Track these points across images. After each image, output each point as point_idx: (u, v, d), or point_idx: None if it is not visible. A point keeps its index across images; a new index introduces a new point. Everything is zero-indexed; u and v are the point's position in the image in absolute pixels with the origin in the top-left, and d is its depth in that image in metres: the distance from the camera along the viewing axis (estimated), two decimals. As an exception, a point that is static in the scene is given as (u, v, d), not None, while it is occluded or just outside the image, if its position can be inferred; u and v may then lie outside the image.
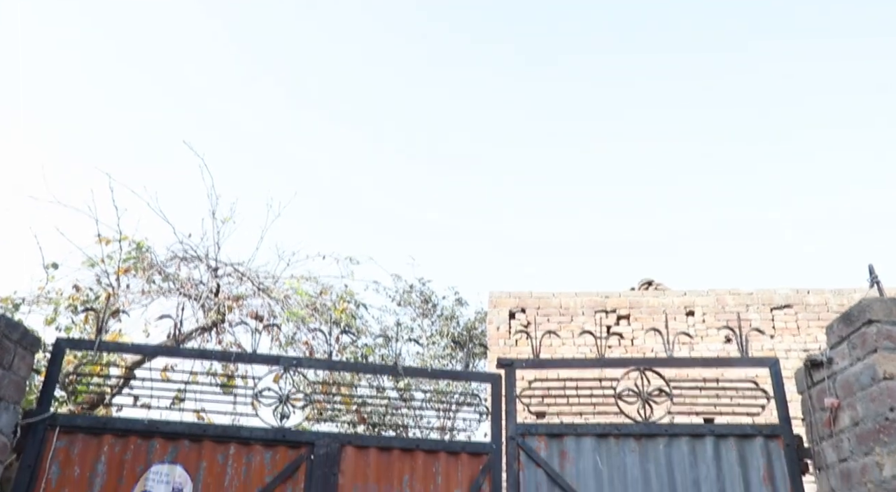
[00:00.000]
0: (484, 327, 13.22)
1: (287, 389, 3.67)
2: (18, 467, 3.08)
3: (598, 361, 3.93)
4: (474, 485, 3.53)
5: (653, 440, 3.57)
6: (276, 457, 3.44)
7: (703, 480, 3.45)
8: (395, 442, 3.59)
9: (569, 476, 3.57)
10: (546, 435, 3.67)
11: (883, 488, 2.66)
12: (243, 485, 3.36)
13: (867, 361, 2.78)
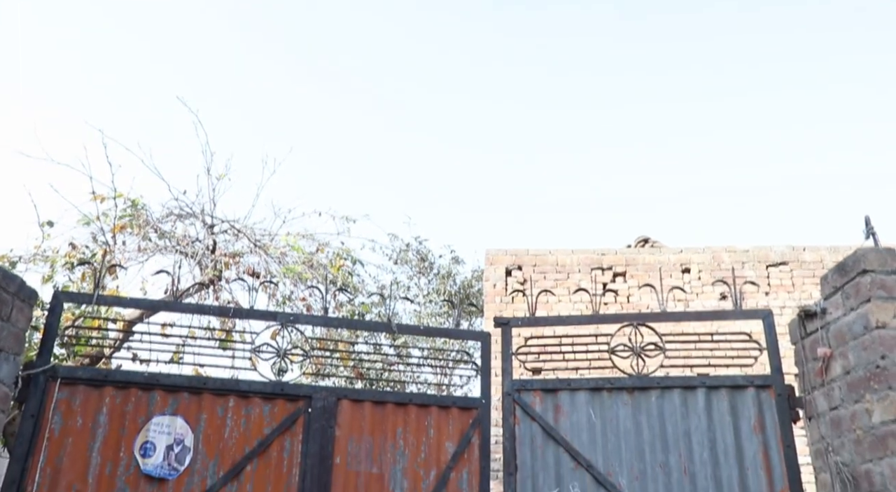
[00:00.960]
0: (480, 286, 13.29)
1: (284, 344, 3.72)
2: (22, 416, 3.12)
3: (593, 317, 3.99)
4: (464, 438, 3.67)
5: (645, 393, 3.66)
6: (275, 410, 3.52)
7: (694, 430, 3.55)
8: (389, 396, 3.69)
9: (563, 429, 3.68)
10: (541, 390, 3.77)
11: (871, 433, 2.71)
12: (243, 436, 3.44)
13: (860, 310, 2.80)
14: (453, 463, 3.63)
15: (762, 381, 3.55)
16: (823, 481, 3.03)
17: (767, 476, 3.40)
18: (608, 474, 3.58)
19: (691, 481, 3.47)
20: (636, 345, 3.80)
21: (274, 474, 3.41)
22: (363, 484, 3.47)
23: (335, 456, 3.50)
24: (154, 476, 3.30)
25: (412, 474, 3.56)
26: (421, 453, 3.63)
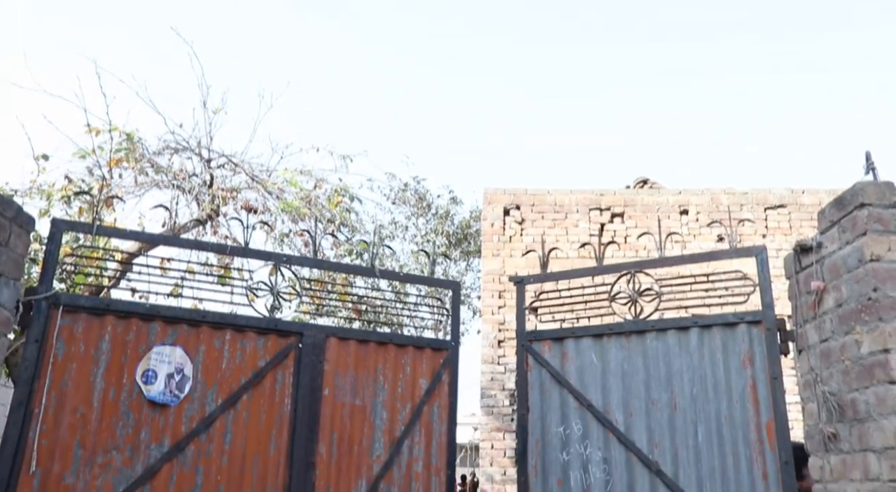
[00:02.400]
0: (479, 226, 13.30)
1: (278, 283, 3.88)
2: (25, 341, 3.17)
3: (597, 268, 4.15)
4: (436, 375, 4.06)
5: (641, 336, 3.84)
6: (268, 344, 3.70)
7: (686, 368, 3.68)
8: (371, 336, 4.00)
9: (568, 373, 3.96)
10: (550, 339, 4.08)
11: (859, 363, 2.77)
12: (238, 368, 3.60)
13: (856, 244, 2.81)
14: (426, 398, 4.00)
15: (752, 317, 3.62)
16: (810, 411, 3.11)
17: (755, 408, 3.50)
18: (606, 412, 3.81)
19: (681, 416, 3.63)
20: (634, 292, 3.98)
21: (268, 404, 3.61)
22: (348, 414, 3.78)
23: (324, 388, 3.75)
24: (158, 402, 3.40)
25: (390, 406, 3.91)
26: (398, 387, 3.97)
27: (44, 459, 3.07)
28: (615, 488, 3.67)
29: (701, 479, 3.51)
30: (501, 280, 8.96)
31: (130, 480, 3.23)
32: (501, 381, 8.56)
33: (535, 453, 3.93)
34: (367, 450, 3.78)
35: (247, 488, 3.45)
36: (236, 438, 3.49)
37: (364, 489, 3.70)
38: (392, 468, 3.80)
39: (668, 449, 3.63)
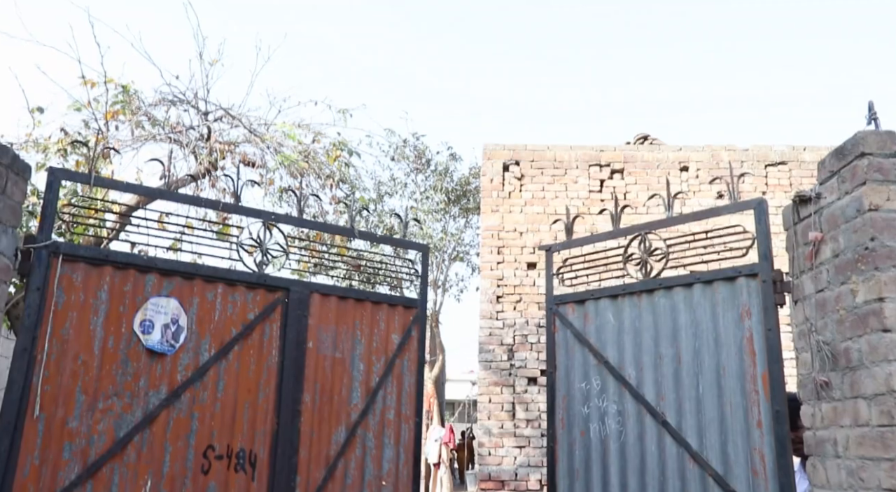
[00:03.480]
0: (478, 183, 13.26)
1: (267, 240, 4.04)
2: (27, 289, 3.19)
3: (614, 232, 4.36)
4: (406, 331, 4.36)
5: (652, 295, 4.00)
6: (257, 298, 3.86)
7: (690, 324, 3.81)
8: (350, 293, 4.25)
9: (588, 333, 4.22)
10: (573, 302, 4.35)
11: (854, 313, 2.79)
12: (230, 320, 3.74)
13: (855, 194, 2.81)
14: (398, 351, 4.29)
15: (750, 270, 3.66)
16: (804, 361, 3.14)
17: (751, 359, 3.55)
18: (620, 367, 4.03)
19: (685, 369, 3.77)
20: (644, 252, 4.18)
21: (257, 355, 3.78)
22: (329, 366, 4.02)
23: (308, 341, 3.96)
24: (156, 351, 3.49)
25: (367, 358, 4.17)
26: (374, 342, 4.23)
27: (47, 404, 3.13)
28: (628, 438, 3.88)
29: (701, 428, 3.64)
30: (500, 236, 8.97)
31: (130, 425, 3.33)
32: (500, 336, 8.64)
33: (561, 408, 4.24)
34: (346, 399, 4.04)
35: (238, 433, 3.62)
36: (228, 386, 3.65)
37: (343, 435, 3.97)
38: (368, 416, 4.09)
39: (673, 401, 3.78)
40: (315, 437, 3.86)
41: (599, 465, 4.01)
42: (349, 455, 3.97)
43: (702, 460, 3.58)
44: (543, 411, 8.38)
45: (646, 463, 3.80)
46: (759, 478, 3.37)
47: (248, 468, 3.61)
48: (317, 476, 3.82)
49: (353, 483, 3.95)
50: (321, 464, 3.85)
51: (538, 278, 8.81)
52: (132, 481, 3.28)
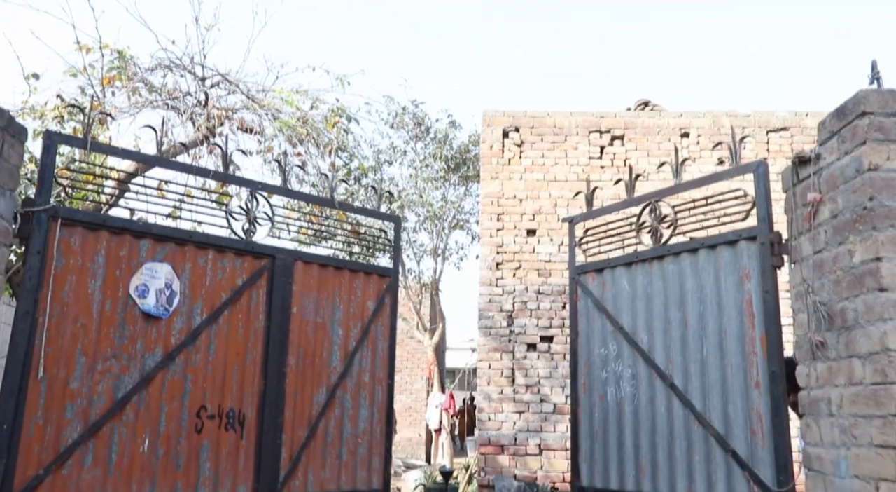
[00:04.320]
0: (478, 151, 13.19)
1: (254, 209, 4.16)
2: (28, 252, 3.19)
3: (629, 201, 4.48)
4: (380, 298, 4.58)
5: (662, 261, 4.09)
6: (245, 265, 3.98)
7: (695, 288, 3.88)
8: (331, 261, 4.40)
9: (606, 300, 4.36)
10: (593, 271, 4.49)
11: (851, 273, 2.80)
12: (220, 285, 3.85)
13: (854, 153, 2.79)
14: (373, 317, 4.51)
15: (749, 233, 3.66)
16: (801, 322, 3.16)
17: (750, 321, 3.58)
18: (633, 333, 4.15)
19: (691, 333, 3.85)
20: (654, 220, 4.27)
21: (245, 319, 3.91)
22: (311, 331, 4.18)
23: (292, 307, 4.11)
24: (152, 315, 3.56)
25: (345, 324, 4.36)
26: (351, 308, 4.42)
27: (49, 365, 3.16)
28: (640, 400, 4.02)
29: (705, 390, 3.71)
30: (500, 203, 8.95)
31: (128, 386, 3.42)
32: (499, 302, 8.68)
33: (583, 373, 4.41)
34: (327, 362, 4.22)
35: (228, 393, 3.77)
36: (219, 349, 3.77)
37: (324, 396, 4.17)
38: (346, 378, 4.29)
39: (680, 364, 3.86)
40: (298, 398, 4.05)
41: (615, 426, 4.16)
42: (329, 415, 4.18)
43: (705, 421, 3.66)
44: (543, 376, 8.46)
45: (656, 424, 3.92)
46: (757, 437, 3.42)
47: (238, 427, 3.78)
48: (300, 434, 4.02)
49: (333, 441, 4.17)
50: (304, 423, 4.06)
51: (538, 245, 8.82)
52: (131, 439, 3.38)
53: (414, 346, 20.02)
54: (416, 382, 20.38)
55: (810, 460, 3.01)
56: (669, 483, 3.77)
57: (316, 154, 7.85)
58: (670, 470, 3.79)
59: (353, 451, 4.26)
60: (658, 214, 4.22)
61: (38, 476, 3.05)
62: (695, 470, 3.67)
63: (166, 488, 3.45)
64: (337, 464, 4.17)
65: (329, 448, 4.14)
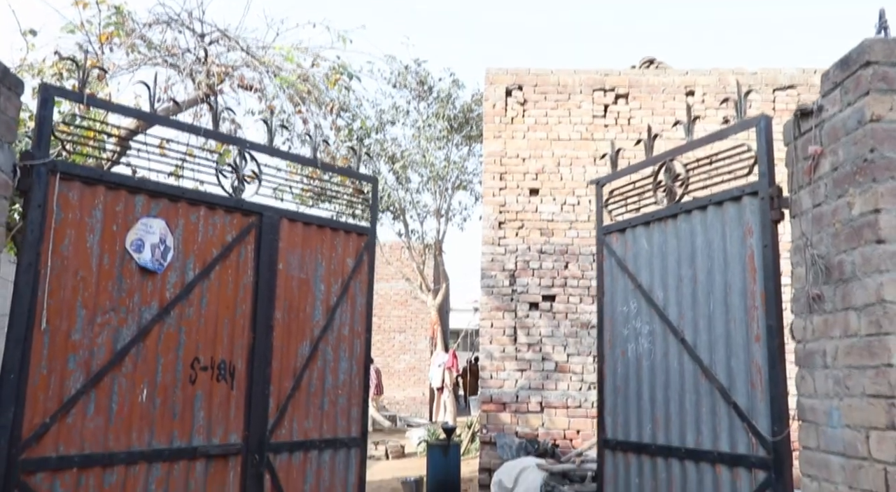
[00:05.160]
0: (481, 110, 13.07)
1: (243, 167, 4.23)
2: (29, 206, 3.20)
3: (647, 161, 4.52)
4: (359, 256, 4.74)
5: (675, 219, 4.16)
6: (234, 222, 4.05)
7: (705, 244, 3.93)
8: (314, 219, 4.50)
9: (627, 259, 4.47)
10: (617, 231, 4.61)
11: (850, 225, 2.79)
12: (210, 241, 3.92)
13: (857, 104, 2.76)
14: (352, 274, 4.66)
15: (752, 188, 3.65)
16: (798, 275, 3.17)
17: (752, 276, 3.60)
18: (650, 290, 4.25)
19: (700, 289, 3.92)
20: (668, 178, 4.33)
21: (234, 275, 4.01)
22: (296, 286, 4.30)
23: (279, 263, 4.21)
24: (149, 269, 3.62)
25: (326, 280, 4.50)
26: (332, 265, 4.55)
27: (52, 317, 3.21)
28: (656, 355, 4.12)
29: (711, 344, 3.78)
30: (502, 162, 8.91)
31: (127, 338, 3.49)
32: (501, 262, 8.71)
33: (608, 330, 4.54)
34: (310, 316, 4.35)
35: (219, 346, 3.88)
36: (210, 303, 3.87)
37: (307, 349, 4.31)
38: (328, 332, 4.43)
39: (691, 320, 3.93)
40: (284, 350, 4.19)
41: (635, 381, 4.27)
42: (312, 367, 4.34)
43: (711, 375, 3.72)
44: (545, 335, 8.53)
45: (669, 379, 4.01)
46: (756, 390, 3.47)
47: (229, 378, 3.90)
48: (286, 385, 4.18)
49: (316, 392, 4.35)
50: (290, 375, 4.21)
51: (540, 204, 8.80)
52: (130, 389, 3.47)
53: (417, 306, 20.16)
54: (420, 342, 20.57)
55: (804, 411, 3.05)
56: (680, 436, 3.86)
57: (318, 113, 7.80)
58: (681, 423, 3.88)
59: (334, 401, 4.43)
60: (672, 174, 4.26)
61: (45, 424, 3.12)
62: (702, 422, 3.74)
63: (163, 436, 3.57)
64: (319, 414, 4.35)
65: (312, 399, 4.31)
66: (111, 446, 3.35)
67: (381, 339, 20.74)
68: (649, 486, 4.03)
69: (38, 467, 3.08)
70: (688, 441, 3.81)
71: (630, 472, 4.21)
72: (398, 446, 13.34)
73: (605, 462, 4.44)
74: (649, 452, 4.06)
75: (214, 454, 3.76)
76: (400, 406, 20.49)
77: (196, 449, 3.68)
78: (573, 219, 8.73)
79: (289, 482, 4.11)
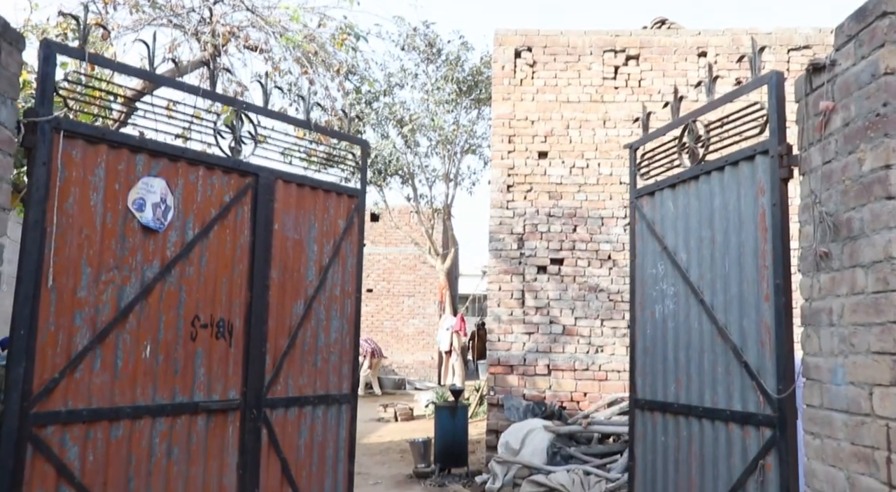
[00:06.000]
0: (490, 73, 12.91)
1: (240, 128, 4.26)
2: (34, 163, 3.20)
3: (673, 123, 4.51)
4: (350, 217, 4.80)
5: (697, 181, 4.16)
6: (231, 182, 4.08)
7: (722, 205, 3.93)
8: (307, 181, 4.56)
9: (655, 221, 4.53)
10: (647, 195, 4.66)
11: (859, 181, 2.75)
12: (209, 201, 3.96)
13: (871, 57, 2.69)
14: (343, 235, 4.74)
15: (763, 147, 3.60)
16: (806, 233, 3.13)
17: (763, 235, 3.58)
18: (675, 252, 4.29)
19: (717, 250, 3.93)
20: (691, 140, 4.33)
21: (232, 234, 4.05)
22: (291, 246, 4.37)
23: (274, 223, 4.26)
24: (151, 228, 3.65)
25: (319, 241, 4.57)
26: (324, 226, 4.62)
27: (58, 275, 3.23)
28: (679, 317, 4.18)
29: (727, 305, 3.80)
30: (511, 124, 8.82)
31: (130, 296, 3.53)
32: (510, 225, 8.69)
33: (639, 292, 4.63)
34: (304, 276, 4.43)
35: (218, 304, 3.94)
36: (209, 262, 3.92)
37: (301, 308, 4.40)
38: (320, 292, 4.51)
39: (710, 281, 3.96)
40: (280, 309, 4.27)
41: (661, 341, 4.35)
42: (306, 325, 4.44)
43: (725, 335, 3.74)
44: (552, 299, 8.55)
45: (691, 338, 4.06)
46: (765, 349, 3.47)
47: (227, 336, 3.98)
48: (281, 343, 4.27)
49: (310, 349, 4.45)
50: (285, 333, 4.30)
51: (549, 167, 8.74)
52: (134, 346, 3.53)
53: (426, 271, 20.22)
54: (429, 306, 20.68)
55: (808, 369, 3.05)
56: (699, 395, 3.92)
57: (325, 75, 7.73)
58: (700, 382, 3.93)
59: (326, 359, 4.54)
60: (695, 135, 4.26)
61: (54, 379, 3.17)
62: (717, 382, 3.79)
63: (166, 391, 3.64)
64: (313, 371, 4.45)
65: (306, 356, 4.41)
66: (117, 401, 3.41)
67: (389, 303, 20.86)
68: (673, 444, 4.12)
69: (49, 420, 3.14)
70: (705, 400, 3.86)
71: (657, 430, 4.30)
72: (407, 408, 13.52)
73: (636, 421, 4.54)
74: (672, 411, 4.13)
75: (215, 410, 3.86)
76: (408, 370, 20.70)
77: (197, 404, 3.77)
78: (582, 182, 8.67)
79: (284, 437, 4.24)
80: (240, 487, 3.96)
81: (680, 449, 4.04)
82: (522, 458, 7.34)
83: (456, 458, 8.42)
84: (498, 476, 7.27)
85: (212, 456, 3.84)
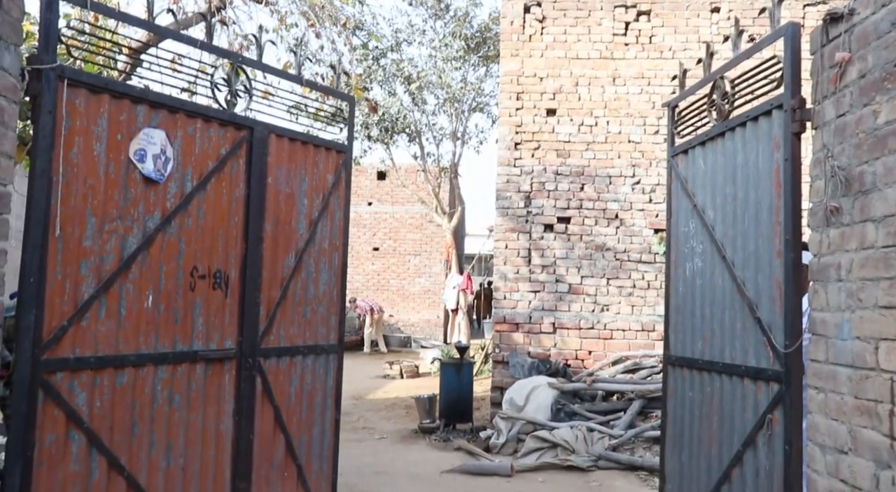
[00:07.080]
0: (499, 30, 12.70)
1: (235, 81, 4.27)
2: (40, 111, 3.18)
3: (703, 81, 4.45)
4: (337, 172, 4.89)
5: (723, 137, 4.15)
6: (227, 135, 4.11)
7: (743, 162, 3.91)
8: (299, 136, 4.61)
9: (688, 179, 4.56)
10: (681, 153, 4.68)
11: (874, 135, 2.70)
12: (206, 153, 3.99)
13: (893, 5, 2.62)
14: (332, 189, 4.82)
15: (779, 101, 3.54)
16: (817, 188, 3.09)
17: (777, 191, 3.55)
18: (703, 210, 4.32)
19: (738, 206, 3.92)
20: (718, 97, 4.28)
21: (228, 187, 4.09)
22: (283, 200, 4.45)
23: (268, 176, 4.32)
24: (153, 179, 3.66)
25: (309, 195, 4.65)
26: (314, 180, 4.70)
27: (65, 224, 3.23)
28: (705, 274, 4.22)
29: (745, 261, 3.80)
30: (520, 81, 8.71)
31: (133, 246, 3.57)
32: (517, 183, 8.64)
33: (674, 250, 4.68)
34: (295, 229, 4.54)
35: (215, 255, 4.01)
36: (207, 214, 3.96)
37: (293, 260, 4.50)
38: (310, 245, 4.64)
39: (732, 238, 3.96)
40: (273, 261, 4.37)
41: (690, 299, 4.39)
42: (297, 277, 4.54)
43: (743, 291, 3.75)
44: (559, 257, 8.55)
45: (715, 295, 4.09)
46: (776, 305, 3.47)
47: (224, 287, 4.05)
48: (274, 295, 4.37)
49: (300, 301, 4.57)
50: (277, 285, 4.40)
51: (557, 125, 8.65)
52: (137, 296, 3.57)
53: (433, 230, 20.22)
54: (435, 265, 20.75)
55: (815, 324, 3.04)
56: (720, 351, 3.97)
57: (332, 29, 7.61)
58: (721, 338, 3.97)
59: (315, 310, 4.66)
60: (721, 91, 4.23)
61: (63, 327, 3.20)
62: (736, 338, 3.82)
63: (167, 340, 3.71)
64: (303, 322, 4.56)
65: (297, 308, 4.52)
66: (121, 349, 3.47)
67: (396, 262, 20.94)
68: (698, 399, 4.19)
69: (58, 366, 3.19)
70: (725, 356, 3.90)
71: (685, 386, 4.37)
72: (412, 365, 13.67)
73: (668, 377, 4.62)
74: (698, 367, 4.19)
75: (213, 358, 3.95)
76: (414, 328, 20.87)
77: (196, 353, 3.85)
78: (590, 140, 8.59)
79: (277, 385, 4.36)
80: (236, 433, 4.07)
81: (704, 404, 4.11)
82: (526, 414, 7.43)
83: (461, 414, 8.54)
84: (502, 432, 7.37)
85: (210, 403, 3.95)
